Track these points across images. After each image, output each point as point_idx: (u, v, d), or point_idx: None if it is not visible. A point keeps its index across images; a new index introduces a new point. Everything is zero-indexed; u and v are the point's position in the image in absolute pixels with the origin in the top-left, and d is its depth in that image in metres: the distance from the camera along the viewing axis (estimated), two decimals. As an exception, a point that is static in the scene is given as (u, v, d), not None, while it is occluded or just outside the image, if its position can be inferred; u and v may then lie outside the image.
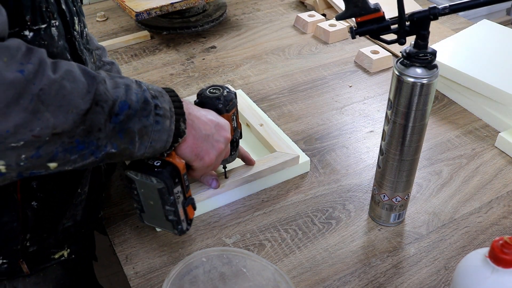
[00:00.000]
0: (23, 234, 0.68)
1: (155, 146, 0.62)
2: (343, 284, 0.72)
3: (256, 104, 1.05)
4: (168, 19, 1.41)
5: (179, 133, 0.64)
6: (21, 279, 0.72)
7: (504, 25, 1.21)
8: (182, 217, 0.68)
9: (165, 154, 0.65)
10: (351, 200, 0.86)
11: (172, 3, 1.26)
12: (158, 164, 0.65)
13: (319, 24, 1.35)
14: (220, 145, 0.71)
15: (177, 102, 0.63)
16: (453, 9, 0.63)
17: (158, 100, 0.60)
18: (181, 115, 0.63)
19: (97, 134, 0.55)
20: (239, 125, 0.81)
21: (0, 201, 0.64)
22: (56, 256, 0.74)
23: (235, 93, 0.78)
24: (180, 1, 1.27)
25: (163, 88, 0.64)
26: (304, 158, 0.90)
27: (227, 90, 0.77)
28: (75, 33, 0.68)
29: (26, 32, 0.57)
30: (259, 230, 0.80)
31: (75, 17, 0.68)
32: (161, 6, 1.25)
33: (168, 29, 1.38)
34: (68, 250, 0.75)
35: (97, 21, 1.46)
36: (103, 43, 1.28)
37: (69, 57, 0.65)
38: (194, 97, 1.04)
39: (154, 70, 1.22)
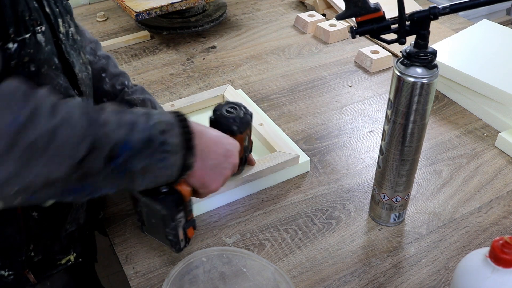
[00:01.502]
0: (27, 246, 0.68)
1: (158, 180, 0.60)
2: (343, 284, 0.72)
3: (256, 104, 1.05)
4: (168, 19, 1.41)
5: (186, 167, 0.61)
6: None
7: (504, 25, 1.21)
8: (181, 238, 0.68)
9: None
10: (351, 200, 0.86)
11: (172, 3, 1.26)
12: (165, 190, 0.64)
13: (319, 24, 1.35)
14: (227, 172, 0.69)
15: (188, 134, 0.61)
16: (453, 9, 0.63)
17: (167, 135, 0.58)
18: (190, 149, 0.61)
19: (94, 178, 0.53)
20: (250, 143, 0.81)
21: (2, 215, 0.64)
22: (63, 262, 0.74)
23: (251, 114, 0.77)
24: (180, 1, 1.27)
25: (177, 115, 0.61)
26: (304, 158, 0.90)
27: (244, 111, 0.76)
28: (61, 35, 0.66)
29: (10, 45, 0.56)
30: (259, 230, 0.80)
31: (59, 19, 0.66)
32: (161, 6, 1.25)
33: (168, 29, 1.38)
34: (74, 254, 0.75)
35: (97, 21, 1.46)
36: (103, 43, 1.28)
37: (57, 61, 0.64)
38: (193, 97, 1.04)
39: (154, 70, 1.22)
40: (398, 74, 0.66)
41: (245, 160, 0.81)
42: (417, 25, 0.64)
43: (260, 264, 0.68)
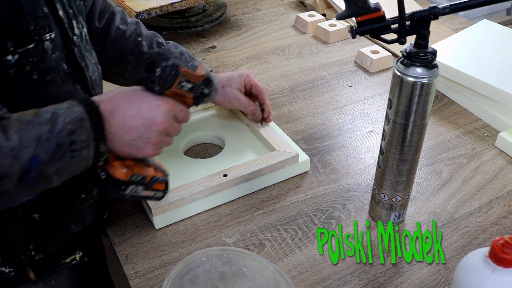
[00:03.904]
0: (26, 246, 0.68)
1: (75, 173, 0.62)
2: (343, 284, 0.72)
3: (256, 104, 1.05)
4: (168, 19, 1.41)
5: (99, 155, 0.62)
6: (27, 286, 0.72)
7: (504, 25, 1.21)
8: (150, 194, 0.71)
9: (102, 165, 0.65)
10: (351, 200, 0.86)
11: (172, 3, 1.26)
12: (103, 177, 0.66)
13: (319, 24, 1.35)
14: (153, 139, 0.67)
15: (98, 126, 0.61)
16: (453, 9, 0.63)
17: (75, 134, 0.58)
18: (100, 140, 0.61)
19: (10, 194, 0.56)
20: (196, 79, 0.71)
21: (2, 215, 0.64)
22: (68, 261, 0.74)
23: (172, 63, 0.68)
24: (180, 1, 1.27)
25: (85, 105, 0.60)
26: (303, 157, 0.90)
27: (167, 63, 0.67)
28: (75, 37, 0.66)
29: (9, 57, 0.56)
30: (259, 229, 0.80)
31: (73, 21, 0.66)
32: (161, 6, 1.25)
33: (168, 29, 1.38)
34: (80, 253, 0.75)
35: (97, 21, 1.46)
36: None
37: (65, 67, 0.64)
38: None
39: (154, 70, 1.22)
40: (398, 74, 0.66)
41: (203, 94, 0.73)
42: (417, 25, 0.64)
43: (260, 264, 0.68)
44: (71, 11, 0.66)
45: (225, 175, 0.83)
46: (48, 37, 0.60)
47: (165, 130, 0.69)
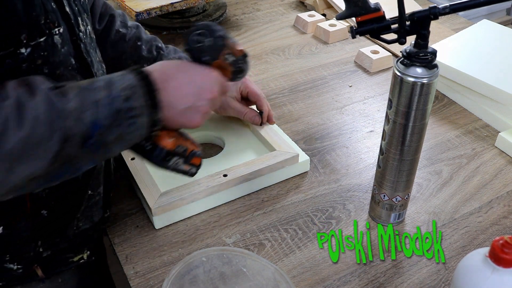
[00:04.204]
0: (35, 242, 0.68)
1: (131, 143, 0.62)
2: (343, 284, 0.72)
3: (256, 104, 1.05)
4: (168, 19, 1.41)
5: (154, 124, 0.62)
6: (34, 284, 0.72)
7: (504, 25, 1.21)
8: (187, 169, 0.71)
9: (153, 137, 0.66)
10: (351, 200, 0.86)
11: (172, 3, 1.26)
12: (149, 148, 0.66)
13: (319, 24, 1.35)
14: (204, 108, 0.68)
15: (152, 93, 0.60)
16: (453, 9, 0.63)
17: (132, 100, 0.58)
18: (154, 107, 0.61)
19: (72, 161, 0.56)
20: (237, 53, 0.74)
21: (12, 211, 0.65)
22: (76, 259, 0.74)
23: (222, 34, 0.72)
24: (180, 1, 1.27)
25: (138, 73, 0.61)
26: (303, 157, 0.90)
27: (215, 35, 0.71)
28: (81, 34, 0.67)
29: (22, 50, 0.57)
30: (259, 229, 0.80)
31: (78, 18, 0.67)
32: (161, 6, 1.25)
33: (168, 29, 1.38)
34: (88, 252, 0.75)
35: (97, 21, 1.46)
36: (103, 43, 1.28)
37: (73, 62, 0.65)
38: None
39: (154, 70, 1.22)
40: (398, 74, 0.66)
41: (240, 70, 0.75)
42: (417, 25, 0.64)
43: (260, 264, 0.68)
44: (76, 8, 0.67)
45: (225, 175, 0.83)
46: (57, 32, 0.61)
47: (214, 99, 0.69)
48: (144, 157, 0.67)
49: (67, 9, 0.64)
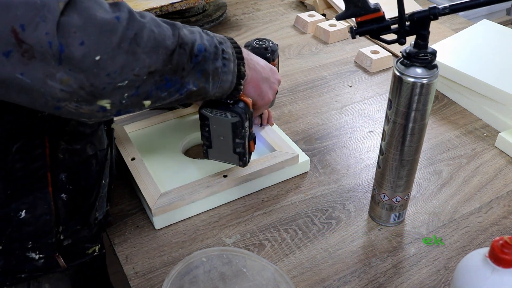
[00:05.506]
0: (56, 227, 0.68)
1: (223, 86, 0.68)
2: (343, 284, 0.72)
3: (256, 104, 1.05)
4: (168, 19, 1.40)
5: (241, 75, 0.70)
6: (45, 279, 0.73)
7: (504, 25, 1.21)
8: (247, 149, 0.77)
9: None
10: (351, 200, 0.86)
11: (172, 3, 1.26)
12: (231, 102, 0.73)
13: (319, 24, 1.35)
14: (275, 86, 0.80)
15: (237, 48, 0.70)
16: (453, 9, 0.63)
17: (224, 46, 0.67)
18: (241, 60, 0.70)
19: (181, 73, 0.61)
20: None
21: (34, 195, 0.65)
22: (90, 252, 0.74)
23: (277, 45, 0.91)
24: (180, 1, 1.27)
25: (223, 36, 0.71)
26: (303, 157, 0.90)
27: (271, 42, 0.89)
28: None
29: None
30: (259, 230, 0.80)
31: None
32: (161, 6, 1.25)
33: (168, 29, 1.38)
34: (99, 245, 0.75)
35: (97, 21, 1.46)
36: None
37: None
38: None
39: (154, 70, 1.22)
40: (398, 74, 0.66)
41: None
42: (417, 25, 0.64)
43: (260, 264, 0.68)
44: None
45: (225, 176, 0.83)
46: None
47: (279, 83, 0.83)
48: (225, 110, 0.72)
49: None
